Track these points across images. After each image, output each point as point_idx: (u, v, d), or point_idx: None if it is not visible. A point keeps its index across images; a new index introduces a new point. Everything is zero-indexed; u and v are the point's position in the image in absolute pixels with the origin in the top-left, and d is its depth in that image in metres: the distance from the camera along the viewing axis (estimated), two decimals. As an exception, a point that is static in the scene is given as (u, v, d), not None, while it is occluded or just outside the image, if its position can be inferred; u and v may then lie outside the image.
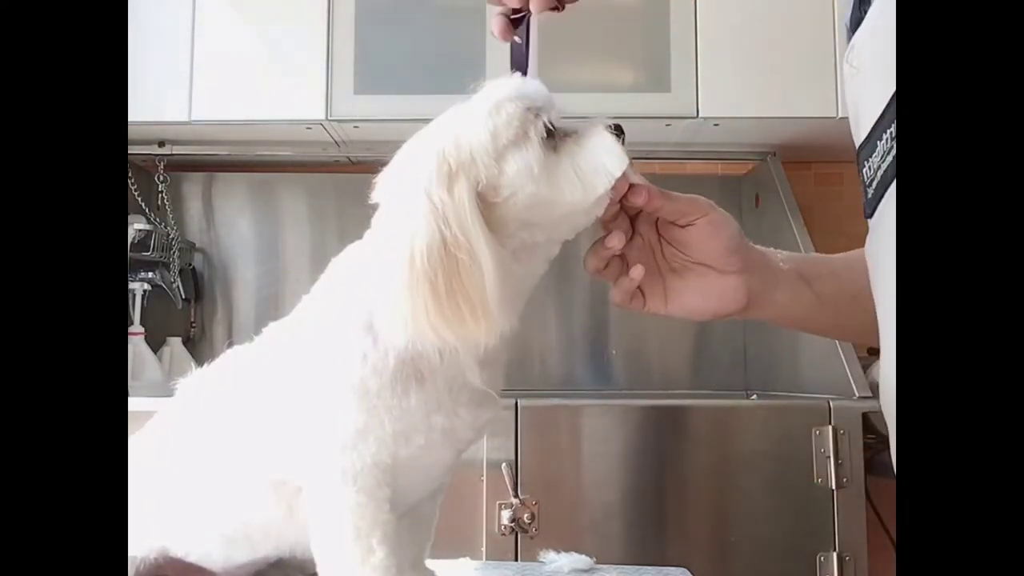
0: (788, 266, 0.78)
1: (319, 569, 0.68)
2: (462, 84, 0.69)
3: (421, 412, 0.66)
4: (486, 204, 0.64)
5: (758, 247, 0.78)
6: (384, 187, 0.66)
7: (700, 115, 2.07)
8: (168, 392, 0.79)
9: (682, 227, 0.73)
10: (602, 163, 0.66)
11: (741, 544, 1.73)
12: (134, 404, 0.72)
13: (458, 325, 0.61)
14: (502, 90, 0.67)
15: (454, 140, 0.64)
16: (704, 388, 2.39)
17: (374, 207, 0.67)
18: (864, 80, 0.68)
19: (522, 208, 0.65)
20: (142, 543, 0.74)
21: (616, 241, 0.70)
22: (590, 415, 1.83)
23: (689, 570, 0.95)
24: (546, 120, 0.66)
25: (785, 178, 2.24)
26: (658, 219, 0.74)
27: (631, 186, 0.69)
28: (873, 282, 0.67)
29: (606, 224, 0.72)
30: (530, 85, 0.68)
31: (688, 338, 2.44)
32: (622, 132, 0.67)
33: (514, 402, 1.78)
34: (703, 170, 2.48)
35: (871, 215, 0.67)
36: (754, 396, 2.22)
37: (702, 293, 0.75)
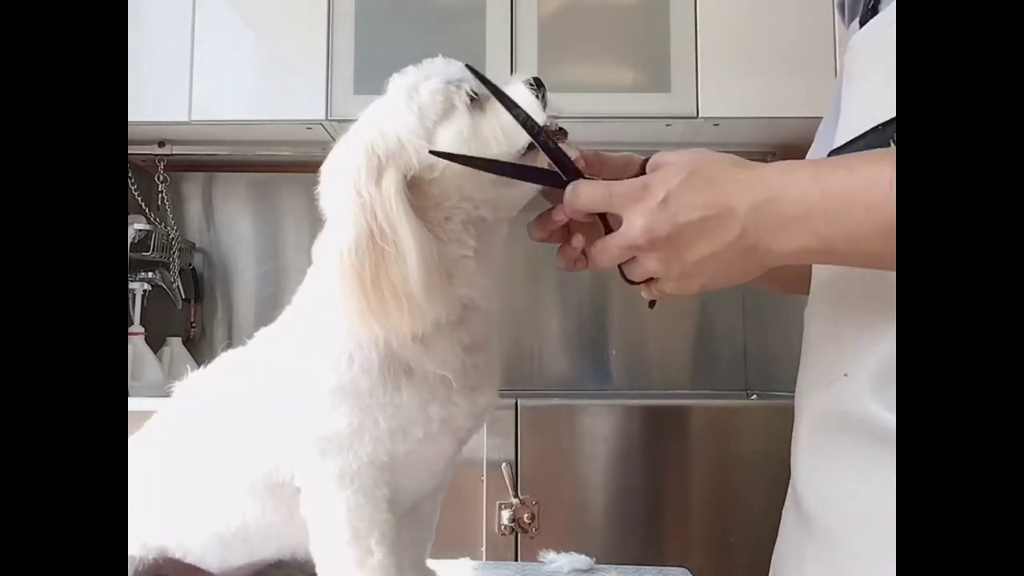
0: None
1: (318, 570, 0.68)
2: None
3: (416, 405, 0.66)
4: (424, 183, 0.65)
5: None
6: (323, 185, 0.67)
7: (700, 115, 2.07)
8: (168, 392, 0.79)
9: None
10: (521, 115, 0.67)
11: (741, 544, 1.73)
12: (134, 404, 0.72)
13: (382, 315, 0.62)
14: (411, 75, 0.68)
15: (380, 132, 0.66)
16: (704, 388, 2.39)
17: None
18: (851, 90, 0.69)
19: (459, 173, 0.65)
20: (141, 543, 0.74)
21: (561, 215, 0.70)
22: (590, 415, 1.83)
23: (689, 570, 0.95)
24: (468, 89, 0.67)
25: (785, 178, 2.23)
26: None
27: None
28: (812, 287, 0.71)
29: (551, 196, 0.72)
30: (437, 63, 0.69)
31: (688, 338, 2.44)
32: (541, 85, 0.68)
33: (514, 402, 1.78)
34: (703, 170, 2.47)
35: None
36: (754, 396, 2.22)
37: None
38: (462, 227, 0.67)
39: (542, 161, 0.68)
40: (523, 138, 0.67)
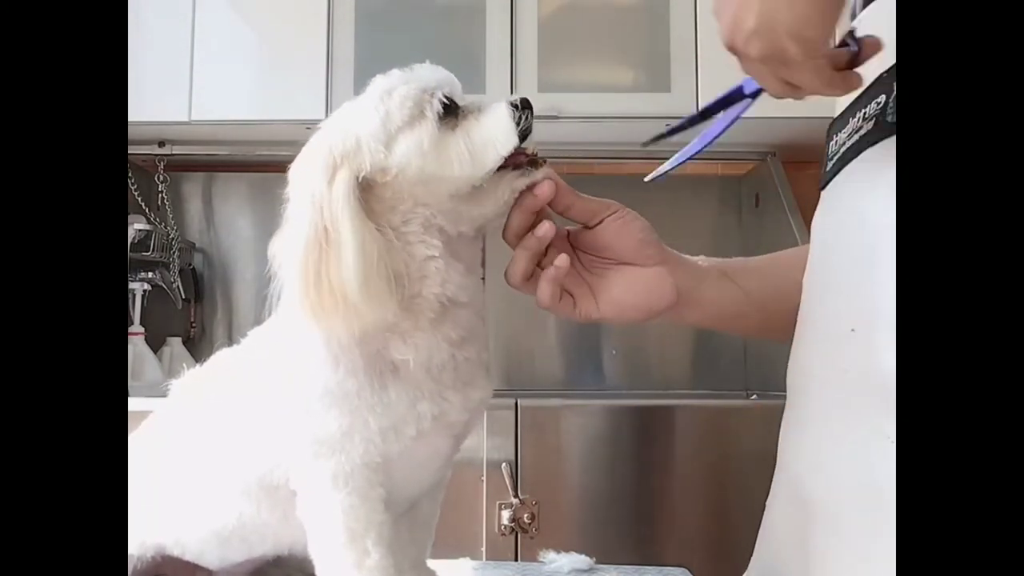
0: (708, 264, 0.78)
1: (317, 571, 0.68)
2: (462, 84, 0.69)
3: (404, 403, 0.66)
4: (377, 186, 0.65)
5: (673, 250, 0.77)
6: (290, 183, 0.67)
7: (700, 115, 2.07)
8: (166, 392, 0.79)
9: (592, 228, 0.72)
10: (492, 139, 0.66)
11: (741, 544, 1.73)
12: (134, 404, 0.72)
13: (320, 313, 0.62)
14: (393, 77, 0.67)
15: (342, 131, 0.66)
16: (704, 388, 2.39)
17: None
18: None
19: (413, 183, 0.65)
20: (139, 541, 0.74)
21: (547, 227, 0.69)
22: (590, 415, 1.83)
23: (689, 570, 0.95)
24: (441, 97, 0.66)
25: (785, 178, 2.24)
26: (569, 232, 0.73)
27: (536, 183, 0.68)
28: (811, 251, 0.68)
29: (516, 239, 0.70)
30: (424, 69, 0.68)
31: (688, 338, 2.44)
32: (528, 107, 0.66)
33: (514, 402, 1.78)
34: (703, 170, 2.48)
35: (824, 187, 0.66)
36: (754, 396, 2.22)
37: (630, 288, 0.73)
38: (423, 230, 0.66)
39: (508, 182, 0.67)
40: (491, 161, 0.65)
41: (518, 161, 0.67)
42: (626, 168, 2.44)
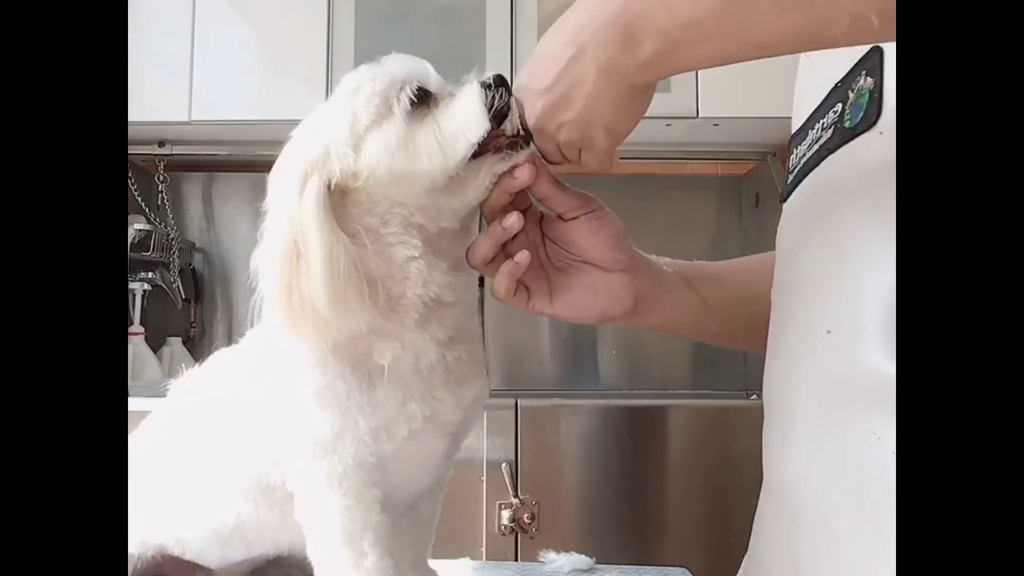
0: (672, 269, 0.77)
1: (316, 573, 0.68)
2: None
3: (393, 404, 0.65)
4: (351, 190, 0.64)
5: (640, 252, 0.75)
6: (268, 194, 0.67)
7: (700, 115, 2.07)
8: (166, 392, 0.79)
9: (566, 222, 0.70)
10: (462, 126, 0.63)
11: (741, 544, 1.73)
12: (134, 404, 0.72)
13: (291, 324, 0.62)
14: (360, 74, 0.66)
15: (312, 138, 0.65)
16: (704, 388, 2.39)
17: None
18: (813, 70, 0.68)
19: (385, 184, 0.63)
20: (140, 540, 0.74)
21: (514, 220, 0.66)
22: (590, 415, 1.83)
23: (689, 570, 0.96)
24: (410, 91, 0.64)
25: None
26: (543, 217, 0.72)
27: (516, 167, 0.65)
28: (777, 263, 0.67)
29: (492, 216, 0.68)
30: (392, 61, 0.66)
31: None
32: (502, 84, 0.63)
33: (514, 402, 1.78)
34: (703, 170, 2.48)
35: (785, 199, 0.66)
36: (754, 396, 2.22)
37: (588, 290, 0.72)
38: (403, 230, 0.65)
39: (488, 167, 0.64)
40: (462, 150, 0.63)
41: (498, 144, 0.64)
42: (626, 168, 2.44)
